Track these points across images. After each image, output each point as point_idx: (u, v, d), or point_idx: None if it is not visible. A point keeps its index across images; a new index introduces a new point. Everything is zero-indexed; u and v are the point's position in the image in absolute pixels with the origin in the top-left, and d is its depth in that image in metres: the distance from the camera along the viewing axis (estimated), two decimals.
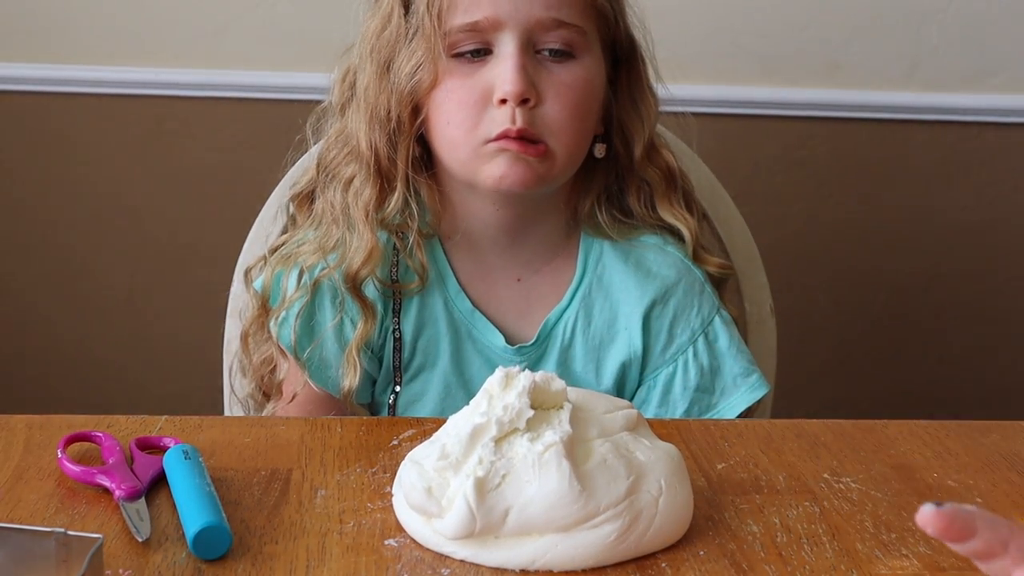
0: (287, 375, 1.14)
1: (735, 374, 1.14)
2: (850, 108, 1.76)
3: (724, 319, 1.15)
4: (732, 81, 1.74)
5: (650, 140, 1.15)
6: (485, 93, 1.04)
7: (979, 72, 1.75)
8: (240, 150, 1.75)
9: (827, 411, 1.41)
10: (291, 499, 0.85)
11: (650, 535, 0.78)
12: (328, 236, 1.12)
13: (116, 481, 0.84)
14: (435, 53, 1.05)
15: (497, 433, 0.78)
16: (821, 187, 1.80)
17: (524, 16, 1.04)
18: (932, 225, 1.82)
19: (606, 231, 1.15)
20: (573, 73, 1.06)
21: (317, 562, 0.77)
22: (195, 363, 1.69)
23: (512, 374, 0.81)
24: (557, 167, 1.07)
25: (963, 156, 1.80)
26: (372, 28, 1.11)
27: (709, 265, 1.17)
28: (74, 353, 1.85)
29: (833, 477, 0.91)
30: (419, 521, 0.80)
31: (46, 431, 0.94)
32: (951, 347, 1.88)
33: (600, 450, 0.80)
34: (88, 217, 1.80)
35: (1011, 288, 1.85)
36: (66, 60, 1.72)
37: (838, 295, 1.85)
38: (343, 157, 1.13)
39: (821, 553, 0.80)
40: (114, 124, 1.76)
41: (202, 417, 0.98)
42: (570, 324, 1.14)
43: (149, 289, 1.83)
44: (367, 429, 0.97)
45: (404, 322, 1.13)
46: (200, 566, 0.76)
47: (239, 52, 1.72)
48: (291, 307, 1.11)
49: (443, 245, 1.14)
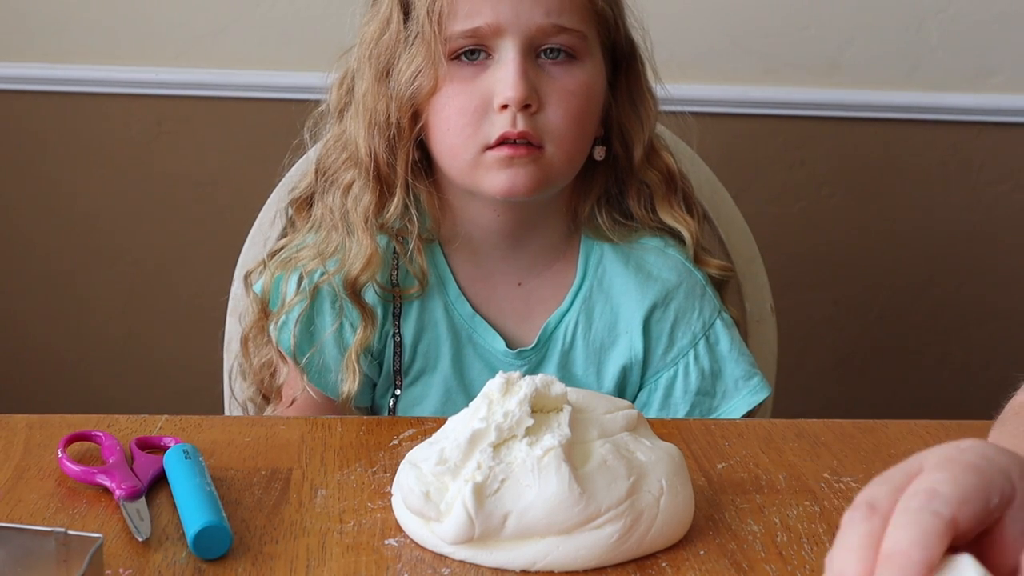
0: (287, 379, 1.14)
1: (736, 377, 1.14)
2: (850, 108, 1.76)
3: (725, 322, 1.15)
4: (732, 81, 1.74)
5: (649, 142, 1.15)
6: (485, 99, 1.04)
7: (979, 72, 1.75)
8: (240, 150, 1.75)
9: (827, 411, 1.41)
10: (291, 499, 0.85)
11: (651, 535, 0.78)
12: (327, 241, 1.12)
13: (116, 481, 0.84)
14: (435, 59, 1.04)
15: (496, 439, 0.78)
16: (821, 187, 1.80)
17: (525, 22, 1.04)
18: (932, 225, 1.82)
19: (606, 234, 1.15)
20: (574, 78, 1.06)
21: (317, 562, 0.77)
22: (195, 366, 1.69)
23: (513, 380, 0.81)
24: (558, 172, 1.07)
25: (963, 156, 1.80)
26: (370, 32, 1.10)
27: (710, 267, 1.17)
28: (74, 354, 1.85)
29: (833, 477, 0.91)
30: (418, 523, 0.80)
31: (46, 431, 0.94)
32: (951, 347, 1.88)
33: (600, 451, 0.80)
34: (88, 217, 1.80)
35: (1011, 288, 1.86)
36: (66, 60, 1.72)
37: (838, 295, 1.85)
38: (342, 162, 1.12)
39: (821, 553, 0.80)
40: (114, 124, 1.76)
41: (202, 417, 0.98)
42: (571, 328, 1.14)
43: (149, 289, 1.83)
44: (367, 429, 0.97)
45: (404, 326, 1.12)
46: (200, 566, 0.76)
47: (239, 52, 1.72)
48: (291, 311, 1.11)
49: (443, 249, 1.14)
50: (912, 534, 0.52)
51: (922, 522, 0.53)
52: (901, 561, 0.52)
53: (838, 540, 0.55)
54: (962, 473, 0.55)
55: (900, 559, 0.52)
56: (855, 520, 0.55)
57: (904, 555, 0.52)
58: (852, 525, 0.55)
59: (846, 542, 0.54)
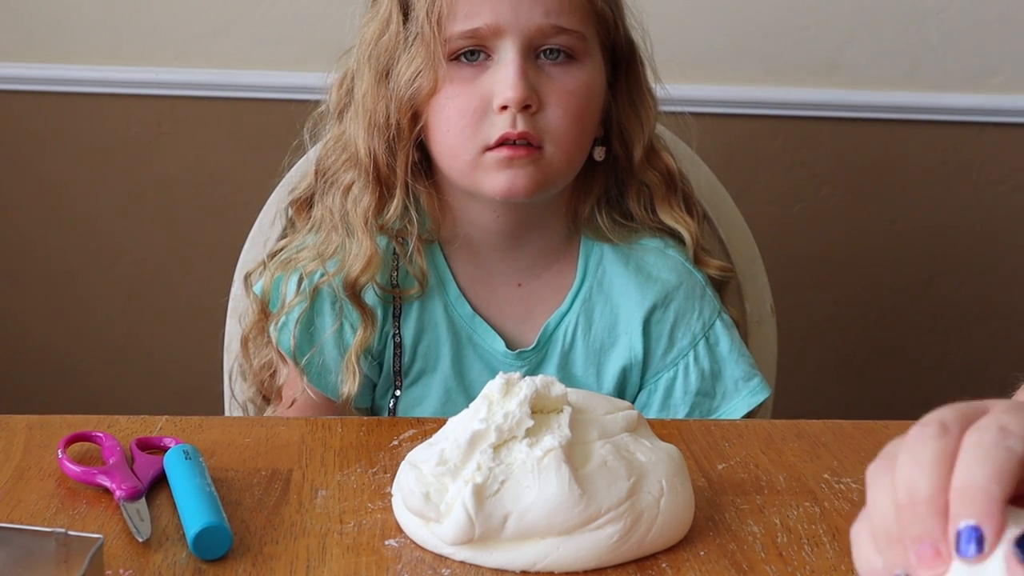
0: (287, 380, 1.14)
1: (736, 378, 1.14)
2: (850, 108, 1.76)
3: (725, 323, 1.15)
4: (732, 81, 1.74)
5: (649, 142, 1.15)
6: (485, 100, 1.04)
7: (979, 72, 1.75)
8: (240, 150, 1.75)
9: (827, 411, 1.41)
10: (291, 499, 0.85)
11: (652, 536, 0.78)
12: (327, 242, 1.12)
13: (116, 481, 0.84)
14: (435, 59, 1.04)
15: (496, 440, 0.78)
16: (821, 187, 1.80)
17: (524, 23, 1.04)
18: (932, 226, 1.82)
19: (606, 235, 1.15)
20: (574, 78, 1.06)
21: (317, 562, 0.77)
22: (195, 366, 1.69)
23: (513, 381, 0.81)
24: (557, 172, 1.07)
25: (963, 156, 1.80)
26: (370, 33, 1.10)
27: (710, 268, 1.17)
28: (74, 354, 1.85)
29: (833, 477, 0.91)
30: (418, 523, 0.80)
31: (46, 431, 0.94)
32: (951, 347, 1.88)
33: (600, 452, 0.80)
34: (88, 217, 1.80)
35: (1011, 288, 1.85)
36: (66, 60, 1.72)
37: (838, 295, 1.85)
38: (341, 163, 1.12)
39: (821, 553, 0.80)
40: (114, 124, 1.76)
41: (202, 417, 0.98)
42: (571, 328, 1.14)
43: (149, 289, 1.83)
44: (368, 429, 0.97)
45: (404, 327, 1.12)
46: (200, 566, 0.76)
47: (239, 52, 1.72)
48: (291, 312, 1.11)
49: (443, 250, 1.14)
50: (989, 469, 0.50)
51: (998, 457, 0.51)
52: (979, 497, 0.50)
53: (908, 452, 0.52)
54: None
55: (978, 494, 0.50)
56: (927, 436, 0.53)
57: (982, 490, 0.50)
58: (924, 441, 0.52)
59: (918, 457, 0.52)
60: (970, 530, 0.50)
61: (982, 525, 0.50)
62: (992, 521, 0.49)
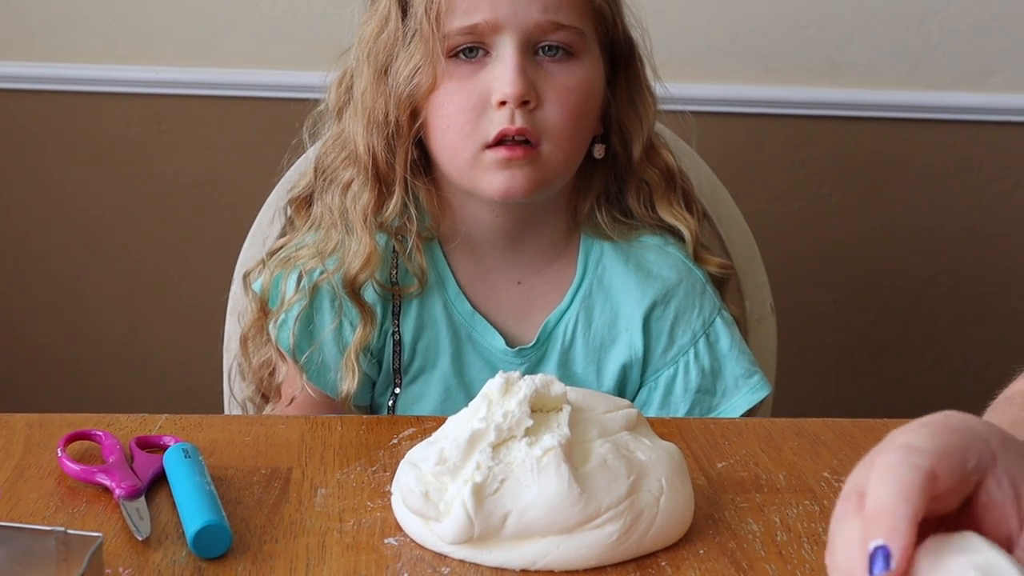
0: (286, 378, 1.14)
1: (736, 375, 1.14)
2: (850, 108, 1.76)
3: (725, 320, 1.15)
4: (732, 80, 1.74)
5: (649, 140, 1.15)
6: (484, 96, 1.04)
7: (979, 72, 1.75)
8: (240, 149, 1.75)
9: (827, 410, 1.41)
10: (291, 498, 0.85)
11: (651, 534, 0.78)
12: (327, 240, 1.12)
13: (116, 480, 0.84)
14: (433, 56, 1.04)
15: (495, 439, 0.78)
16: (821, 187, 1.80)
17: (523, 19, 1.04)
18: (932, 225, 1.82)
19: (606, 232, 1.15)
20: (572, 75, 1.06)
21: (317, 560, 0.77)
22: (194, 365, 1.69)
23: (512, 380, 0.81)
24: (555, 171, 1.07)
25: (963, 156, 1.80)
26: (369, 31, 1.10)
27: (710, 265, 1.17)
28: (74, 354, 1.85)
29: (833, 476, 0.91)
30: (417, 522, 0.79)
31: (46, 430, 0.94)
32: (951, 347, 1.88)
33: (600, 450, 0.80)
34: (88, 216, 1.79)
35: (1011, 288, 1.85)
36: (66, 59, 1.72)
37: (838, 295, 1.85)
38: (341, 161, 1.12)
39: (821, 552, 0.79)
40: (114, 123, 1.76)
41: (202, 416, 0.98)
42: (570, 326, 1.14)
43: (149, 289, 1.83)
44: (367, 428, 0.97)
45: (404, 325, 1.12)
46: (200, 565, 0.76)
47: (239, 51, 1.72)
48: (290, 310, 1.11)
49: (443, 248, 1.14)
50: (893, 489, 0.51)
51: (902, 476, 0.52)
52: (887, 520, 0.51)
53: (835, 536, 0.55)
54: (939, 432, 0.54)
55: (886, 518, 0.51)
56: (848, 513, 0.54)
57: (889, 513, 0.51)
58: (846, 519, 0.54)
59: (846, 539, 0.54)
60: (877, 550, 0.51)
61: (889, 543, 0.50)
62: (899, 539, 0.51)
